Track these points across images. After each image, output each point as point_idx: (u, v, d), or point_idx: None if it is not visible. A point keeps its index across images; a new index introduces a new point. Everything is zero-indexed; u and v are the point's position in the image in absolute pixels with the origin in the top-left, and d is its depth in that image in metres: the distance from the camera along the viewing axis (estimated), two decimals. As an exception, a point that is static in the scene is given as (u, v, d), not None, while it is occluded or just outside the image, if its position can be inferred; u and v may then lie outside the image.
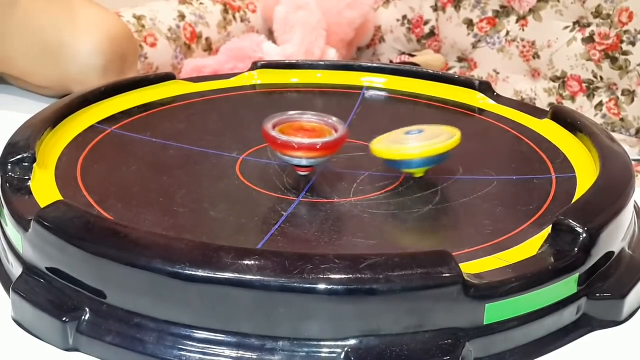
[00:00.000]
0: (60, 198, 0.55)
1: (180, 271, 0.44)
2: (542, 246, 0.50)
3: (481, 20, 1.77)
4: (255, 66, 0.83)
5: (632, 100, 1.61)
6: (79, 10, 0.91)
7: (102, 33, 0.88)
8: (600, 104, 1.65)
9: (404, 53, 1.88)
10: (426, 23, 1.85)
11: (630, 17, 1.59)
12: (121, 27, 0.91)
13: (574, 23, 1.66)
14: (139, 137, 0.68)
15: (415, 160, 0.59)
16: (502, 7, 1.75)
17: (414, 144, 0.59)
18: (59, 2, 0.91)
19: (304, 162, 0.58)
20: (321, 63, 0.85)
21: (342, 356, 0.44)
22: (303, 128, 0.60)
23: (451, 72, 1.79)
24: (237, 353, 0.45)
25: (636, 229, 0.58)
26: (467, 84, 0.79)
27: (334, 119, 0.61)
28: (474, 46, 1.79)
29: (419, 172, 0.60)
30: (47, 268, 0.50)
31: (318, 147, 0.57)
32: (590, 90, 1.66)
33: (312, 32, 1.60)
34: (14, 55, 0.92)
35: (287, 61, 0.87)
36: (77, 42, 0.88)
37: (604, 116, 1.64)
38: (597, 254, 0.50)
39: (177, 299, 0.45)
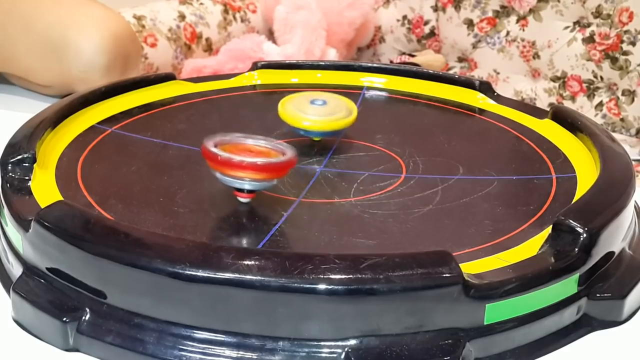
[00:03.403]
0: (61, 198, 0.55)
1: (181, 271, 0.44)
2: (542, 246, 0.50)
3: (481, 20, 1.77)
4: (255, 66, 0.83)
5: (632, 100, 1.61)
6: (82, 8, 0.91)
7: (105, 31, 0.88)
8: (601, 104, 1.65)
9: (404, 53, 1.88)
10: (426, 23, 1.85)
11: (631, 17, 1.59)
12: (125, 26, 0.91)
13: (574, 23, 1.66)
14: (140, 137, 0.68)
15: (312, 131, 0.65)
16: (502, 7, 1.75)
17: (311, 117, 0.64)
18: (63, 1, 0.91)
19: (247, 186, 0.53)
20: (321, 63, 0.85)
21: (342, 356, 0.44)
22: (249, 150, 0.55)
23: (451, 72, 1.79)
24: (237, 353, 0.45)
25: (636, 229, 0.58)
26: (467, 84, 0.79)
27: (283, 144, 0.56)
28: (474, 46, 1.79)
29: (316, 138, 0.67)
30: (47, 268, 0.50)
31: (259, 164, 0.52)
32: (590, 90, 1.66)
33: (312, 32, 1.60)
34: (17, 53, 0.92)
35: (287, 61, 0.87)
36: (80, 40, 0.88)
37: (604, 116, 1.64)
38: (597, 254, 0.50)
39: (177, 299, 0.45)
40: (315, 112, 0.64)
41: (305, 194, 0.58)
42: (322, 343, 0.44)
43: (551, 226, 0.50)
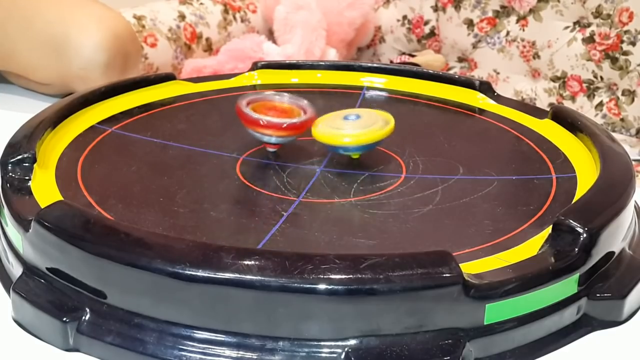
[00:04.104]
0: (61, 198, 0.55)
1: (181, 271, 0.44)
2: (542, 246, 0.50)
3: (481, 20, 1.77)
4: (255, 66, 0.83)
5: (632, 100, 1.61)
6: (83, 7, 0.91)
7: (106, 30, 0.88)
8: (601, 104, 1.65)
9: (404, 53, 1.88)
10: (426, 23, 1.85)
11: (631, 17, 1.59)
12: (125, 25, 0.91)
13: (574, 23, 1.66)
14: (140, 137, 0.68)
15: (351, 146, 0.62)
16: (502, 7, 1.75)
17: (349, 131, 0.61)
18: None
19: (273, 140, 0.63)
20: (321, 63, 0.85)
21: (342, 356, 0.44)
22: (275, 108, 0.63)
23: (451, 72, 1.79)
24: (238, 353, 0.45)
25: (636, 229, 0.58)
26: (467, 84, 0.79)
27: (306, 102, 0.64)
28: (474, 46, 1.79)
29: (355, 155, 0.63)
30: (47, 268, 0.50)
31: (284, 126, 0.61)
32: (590, 90, 1.66)
33: (312, 32, 1.60)
34: (16, 51, 0.92)
35: (287, 61, 0.87)
36: (80, 38, 0.88)
37: (604, 116, 1.64)
38: (597, 254, 0.51)
39: (177, 299, 0.45)
40: (352, 127, 0.62)
41: (305, 194, 0.58)
42: (322, 343, 0.44)
43: (551, 226, 0.50)
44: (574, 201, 0.57)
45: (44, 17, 0.90)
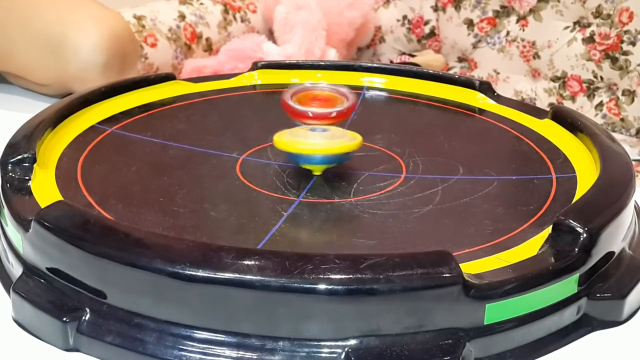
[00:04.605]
0: (61, 198, 0.55)
1: (181, 271, 0.44)
2: (542, 246, 0.50)
3: (481, 20, 1.77)
4: (255, 66, 0.83)
5: (632, 100, 1.61)
6: (81, 7, 0.91)
7: (104, 30, 0.88)
8: (601, 104, 1.65)
9: (404, 53, 1.88)
10: (426, 23, 1.85)
11: (631, 17, 1.59)
12: (123, 25, 0.91)
13: (574, 23, 1.66)
14: (139, 137, 0.68)
15: (316, 156, 0.59)
16: (502, 7, 1.75)
17: (316, 140, 0.59)
18: None
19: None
20: (321, 63, 0.85)
21: (342, 356, 0.44)
22: (317, 97, 0.64)
23: (451, 72, 1.79)
24: (237, 353, 0.45)
25: (636, 229, 0.58)
26: (467, 84, 0.79)
27: (345, 88, 0.64)
28: (474, 46, 1.79)
29: (317, 170, 0.61)
30: (47, 268, 0.50)
31: (333, 115, 0.62)
32: (590, 90, 1.66)
33: (312, 32, 1.60)
34: (15, 51, 0.92)
35: (287, 61, 0.87)
36: (78, 38, 0.88)
37: (604, 116, 1.64)
38: (597, 254, 0.50)
39: (177, 299, 0.45)
40: (317, 137, 0.60)
41: (305, 194, 0.58)
42: (322, 343, 0.44)
43: (551, 226, 0.50)
44: (574, 201, 0.57)
45: (42, 17, 0.90)
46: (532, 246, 0.51)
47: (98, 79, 0.86)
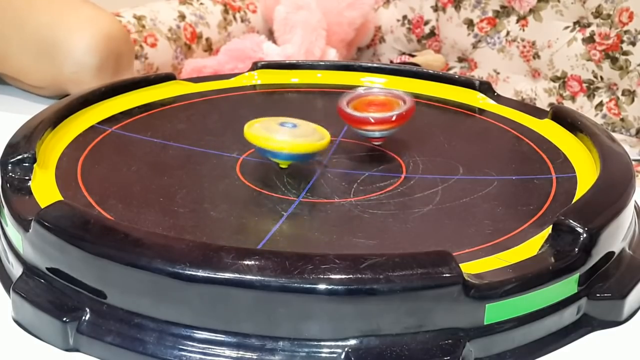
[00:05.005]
0: (61, 198, 0.55)
1: (181, 271, 0.44)
2: (542, 246, 0.50)
3: (481, 20, 1.77)
4: (255, 66, 0.83)
5: (632, 100, 1.61)
6: (74, 8, 0.90)
7: (96, 32, 0.88)
8: (601, 104, 1.65)
9: (404, 53, 1.88)
10: (426, 23, 1.85)
11: (631, 17, 1.59)
12: (116, 26, 0.91)
13: (574, 23, 1.66)
14: (139, 137, 0.68)
15: (282, 152, 0.59)
16: (502, 7, 1.75)
17: (283, 137, 0.59)
18: (55, 1, 0.91)
19: (377, 134, 0.64)
20: (321, 63, 0.85)
21: (342, 356, 0.44)
22: (373, 102, 0.64)
23: (451, 72, 1.79)
24: (237, 353, 0.45)
25: (636, 229, 0.58)
26: (467, 84, 0.79)
27: (400, 91, 0.65)
28: (474, 46, 1.79)
29: (283, 164, 0.61)
30: (47, 268, 0.50)
31: (393, 119, 0.62)
32: (590, 90, 1.66)
33: (312, 32, 1.60)
34: (9, 53, 0.92)
35: (287, 61, 0.87)
36: (71, 41, 0.88)
37: (604, 116, 1.64)
38: (597, 254, 0.51)
39: (177, 299, 0.45)
40: (285, 134, 0.59)
41: (305, 194, 0.58)
42: (322, 343, 0.44)
43: (551, 226, 0.50)
44: (574, 201, 0.57)
45: (37, 19, 0.89)
46: (532, 246, 0.51)
47: (92, 81, 0.86)
